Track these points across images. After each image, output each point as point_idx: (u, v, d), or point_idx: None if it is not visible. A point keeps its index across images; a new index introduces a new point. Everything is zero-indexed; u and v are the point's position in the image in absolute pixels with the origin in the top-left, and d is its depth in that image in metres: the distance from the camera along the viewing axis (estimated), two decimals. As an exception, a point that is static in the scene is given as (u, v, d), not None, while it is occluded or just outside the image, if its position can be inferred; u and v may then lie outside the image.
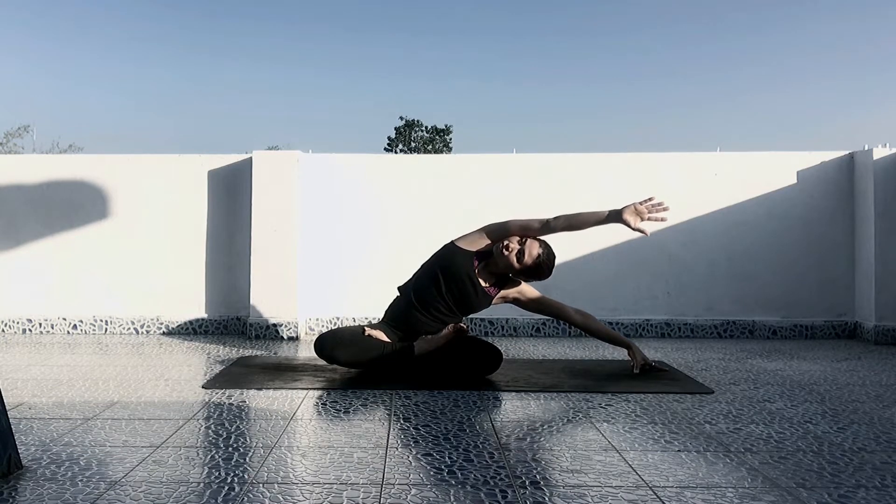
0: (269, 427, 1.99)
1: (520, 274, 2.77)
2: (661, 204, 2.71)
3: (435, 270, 2.77)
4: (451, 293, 2.76)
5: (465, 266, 2.75)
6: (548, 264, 2.75)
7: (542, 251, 2.73)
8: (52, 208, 4.04)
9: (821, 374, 2.83)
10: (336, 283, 4.04)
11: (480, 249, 2.78)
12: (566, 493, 1.47)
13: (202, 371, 2.85)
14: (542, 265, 2.73)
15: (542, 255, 2.72)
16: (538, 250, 2.72)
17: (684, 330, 3.96)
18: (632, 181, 4.04)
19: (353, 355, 2.71)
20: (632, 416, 2.13)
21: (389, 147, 44.62)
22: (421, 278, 2.81)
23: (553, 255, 2.78)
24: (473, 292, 2.76)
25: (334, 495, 1.45)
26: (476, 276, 2.76)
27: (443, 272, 2.75)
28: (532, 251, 2.70)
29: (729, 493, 1.49)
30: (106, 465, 1.64)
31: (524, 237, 2.73)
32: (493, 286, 2.81)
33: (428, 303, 2.76)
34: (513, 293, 2.86)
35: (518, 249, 2.70)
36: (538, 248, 2.72)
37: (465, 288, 2.75)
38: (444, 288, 2.75)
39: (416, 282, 2.82)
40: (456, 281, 2.74)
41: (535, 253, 2.71)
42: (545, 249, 2.75)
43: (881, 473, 1.62)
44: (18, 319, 4.01)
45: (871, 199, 3.79)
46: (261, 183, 3.89)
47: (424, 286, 2.77)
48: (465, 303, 2.78)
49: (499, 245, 2.72)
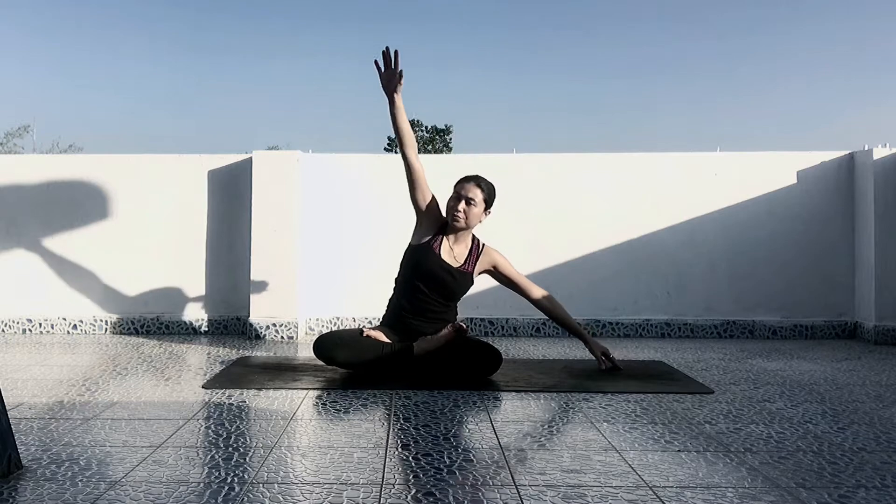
0: (269, 427, 1.99)
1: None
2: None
3: (412, 282, 2.83)
4: (437, 290, 2.81)
5: (433, 262, 2.81)
6: (489, 192, 2.87)
7: (483, 193, 2.83)
8: (52, 208, 4.04)
9: (821, 374, 2.83)
10: (336, 284, 4.03)
11: (429, 226, 2.86)
12: (566, 493, 1.47)
13: (202, 371, 2.85)
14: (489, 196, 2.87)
15: (485, 194, 2.84)
16: (473, 205, 2.81)
17: (684, 330, 3.96)
18: (632, 181, 4.04)
19: (353, 356, 2.71)
20: (632, 416, 2.13)
21: (389, 147, 44.60)
22: (405, 291, 2.85)
23: (492, 187, 2.90)
24: (453, 280, 2.82)
25: (334, 495, 1.45)
26: (447, 264, 2.82)
27: (420, 279, 2.81)
28: (466, 215, 2.80)
29: (729, 493, 1.49)
30: (106, 465, 1.64)
31: (465, 206, 2.80)
32: (465, 264, 2.86)
33: (420, 309, 2.80)
34: (487, 266, 2.93)
35: (457, 215, 2.80)
36: (472, 205, 2.81)
37: (446, 280, 2.81)
38: (427, 290, 2.80)
39: (402, 294, 2.86)
40: (434, 279, 2.80)
41: (467, 217, 2.81)
42: (486, 189, 2.85)
43: (881, 473, 1.62)
44: (18, 319, 4.01)
45: (871, 199, 3.79)
46: (261, 183, 3.89)
47: (410, 296, 2.82)
48: (451, 291, 2.84)
49: (449, 219, 2.83)
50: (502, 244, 4.11)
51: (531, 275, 4.01)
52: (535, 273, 4.01)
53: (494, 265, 2.93)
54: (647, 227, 4.01)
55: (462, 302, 3.93)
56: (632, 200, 4.04)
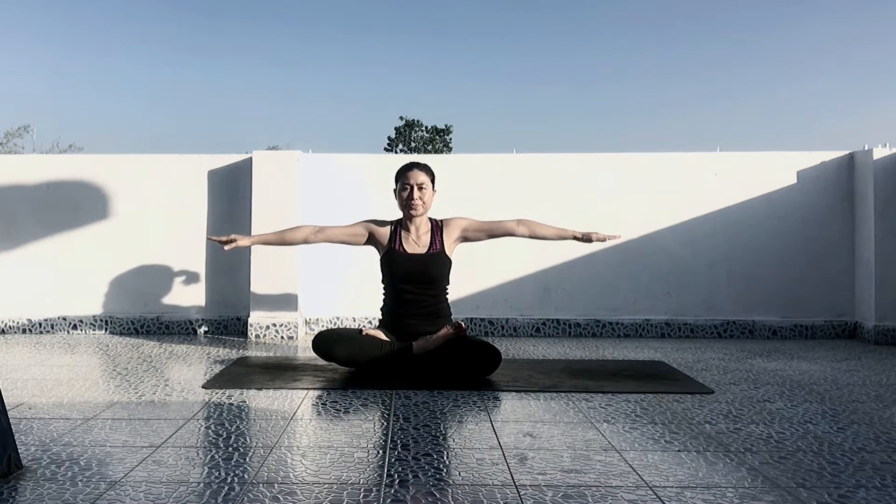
0: (269, 427, 1.99)
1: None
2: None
3: (395, 286, 2.87)
4: (420, 284, 2.84)
5: (404, 261, 2.84)
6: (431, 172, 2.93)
7: (428, 175, 2.90)
8: (52, 208, 4.04)
9: (821, 374, 2.83)
10: (336, 284, 4.04)
11: (379, 238, 2.91)
12: (566, 493, 1.47)
13: (202, 371, 2.85)
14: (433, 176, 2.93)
15: (430, 175, 2.91)
16: (426, 189, 2.87)
17: (684, 330, 3.96)
18: (632, 181, 4.04)
19: (352, 352, 2.71)
20: (632, 416, 2.13)
21: (389, 147, 44.59)
22: (393, 296, 2.88)
23: (429, 166, 2.96)
24: (429, 266, 2.85)
25: (334, 495, 1.45)
26: (416, 256, 2.85)
27: (401, 282, 2.85)
28: (423, 200, 2.85)
29: (729, 493, 1.49)
30: (106, 465, 1.64)
31: (419, 192, 2.85)
32: (432, 245, 2.88)
33: (413, 308, 2.83)
34: (457, 234, 2.94)
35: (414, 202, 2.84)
36: (425, 189, 2.86)
37: (423, 270, 2.84)
38: (412, 288, 2.84)
39: (392, 299, 2.89)
40: (413, 276, 2.83)
41: (425, 201, 2.86)
42: (429, 171, 2.92)
43: (881, 473, 1.62)
44: (18, 319, 4.01)
45: (870, 199, 3.79)
46: (261, 183, 3.89)
47: (399, 299, 2.86)
48: (432, 277, 2.86)
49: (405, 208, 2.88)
50: (502, 244, 4.12)
51: (532, 274, 4.02)
52: (535, 273, 4.01)
53: (463, 229, 2.94)
54: (647, 227, 4.01)
55: (462, 302, 3.96)
56: (632, 200, 4.04)
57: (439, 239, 2.89)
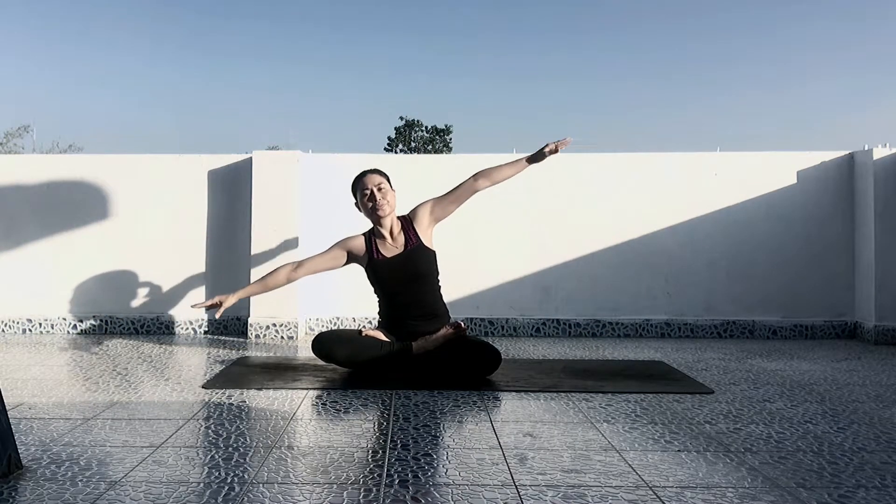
0: (269, 427, 1.99)
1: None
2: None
3: (386, 293, 2.86)
4: (410, 284, 2.82)
5: (386, 267, 2.84)
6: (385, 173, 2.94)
7: (383, 176, 2.91)
8: (52, 208, 4.04)
9: (821, 374, 2.83)
10: (336, 284, 4.03)
11: (356, 251, 2.92)
12: (566, 493, 1.47)
13: (202, 371, 2.85)
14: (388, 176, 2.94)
15: (384, 176, 2.92)
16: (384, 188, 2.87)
17: (684, 330, 3.96)
18: (632, 181, 4.04)
19: (351, 353, 2.71)
20: (632, 416, 2.13)
21: (389, 147, 44.61)
22: (387, 302, 2.88)
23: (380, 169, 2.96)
24: (414, 263, 2.83)
25: (334, 495, 1.45)
26: (397, 256, 2.84)
27: (390, 287, 2.84)
28: (387, 199, 2.85)
29: (729, 493, 1.49)
30: (106, 465, 1.64)
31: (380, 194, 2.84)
32: (408, 242, 2.87)
33: (409, 309, 2.82)
34: (427, 221, 2.92)
35: (378, 204, 2.84)
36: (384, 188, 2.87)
37: (409, 269, 2.82)
38: (404, 291, 2.82)
39: (387, 304, 2.88)
40: (401, 278, 2.82)
41: (388, 200, 2.85)
42: (383, 172, 2.93)
43: (881, 473, 1.62)
44: (18, 319, 4.01)
45: (871, 198, 3.79)
46: (261, 183, 3.89)
47: (394, 304, 2.85)
48: (419, 273, 2.84)
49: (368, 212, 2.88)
50: (503, 243, 4.13)
51: (532, 274, 4.02)
52: (535, 273, 4.01)
53: (430, 212, 2.93)
54: (647, 227, 4.01)
55: (462, 302, 3.95)
56: (632, 200, 4.04)
57: (413, 233, 2.88)
